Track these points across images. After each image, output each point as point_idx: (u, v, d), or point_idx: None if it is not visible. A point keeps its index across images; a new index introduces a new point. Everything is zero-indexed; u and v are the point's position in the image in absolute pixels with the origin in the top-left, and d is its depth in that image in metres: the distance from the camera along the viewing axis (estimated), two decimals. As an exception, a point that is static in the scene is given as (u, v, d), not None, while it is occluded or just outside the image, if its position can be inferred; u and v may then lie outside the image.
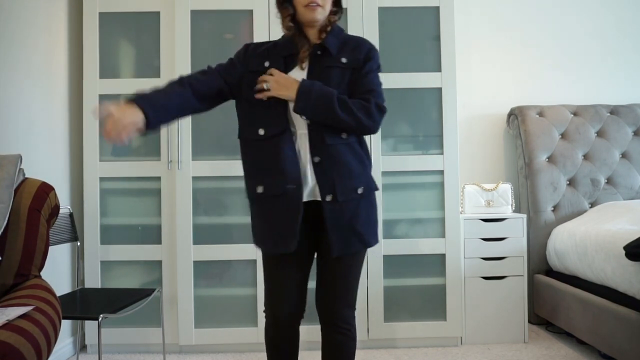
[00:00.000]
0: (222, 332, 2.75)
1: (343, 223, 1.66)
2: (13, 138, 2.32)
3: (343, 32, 1.79)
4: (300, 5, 1.70)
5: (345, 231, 1.66)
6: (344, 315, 1.72)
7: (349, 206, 1.66)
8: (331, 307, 1.73)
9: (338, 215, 1.65)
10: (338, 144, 1.66)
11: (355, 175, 1.68)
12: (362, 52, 1.73)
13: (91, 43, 2.79)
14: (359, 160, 1.71)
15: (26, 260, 1.76)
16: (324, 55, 1.71)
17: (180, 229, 2.74)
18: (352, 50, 1.73)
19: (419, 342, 2.81)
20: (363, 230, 1.69)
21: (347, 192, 1.66)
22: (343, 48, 1.73)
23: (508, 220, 2.90)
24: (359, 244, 1.70)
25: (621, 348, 2.28)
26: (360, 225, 1.69)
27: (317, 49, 1.71)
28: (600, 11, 3.54)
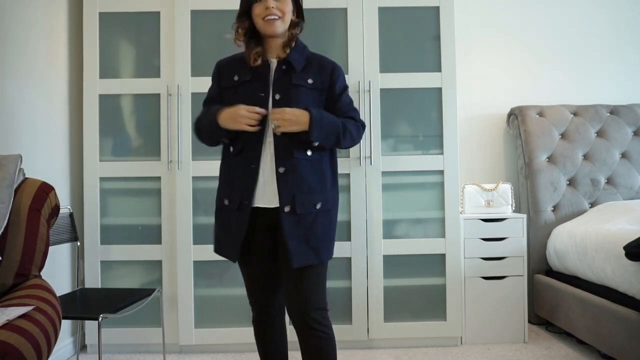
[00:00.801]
0: (222, 332, 2.75)
1: (300, 235, 1.71)
2: (13, 138, 2.32)
3: (307, 49, 1.84)
4: (258, 18, 1.72)
5: (302, 243, 1.71)
6: (315, 318, 1.72)
7: (307, 220, 1.72)
8: (301, 312, 1.73)
9: (295, 226, 1.70)
10: (302, 159, 1.73)
11: (314, 191, 1.74)
12: (327, 74, 1.80)
13: (91, 43, 2.79)
14: (321, 177, 1.77)
15: (26, 260, 1.76)
16: (288, 70, 1.75)
17: (180, 229, 2.74)
18: (317, 70, 1.79)
19: (419, 342, 2.82)
20: (318, 245, 1.73)
21: (306, 205, 1.72)
22: (307, 67, 1.78)
23: (508, 220, 2.90)
24: (314, 258, 1.73)
25: (621, 348, 2.28)
26: (315, 239, 1.73)
27: (282, 64, 1.75)
28: (600, 11, 3.54)
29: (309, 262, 1.72)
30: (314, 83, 1.77)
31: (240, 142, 1.75)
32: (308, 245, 1.72)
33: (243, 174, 1.73)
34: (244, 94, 1.75)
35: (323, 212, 1.76)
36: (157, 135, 2.78)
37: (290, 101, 1.71)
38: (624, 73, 3.54)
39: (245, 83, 1.76)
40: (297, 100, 1.72)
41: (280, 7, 1.71)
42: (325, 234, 1.77)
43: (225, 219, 1.81)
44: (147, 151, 2.81)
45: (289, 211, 1.70)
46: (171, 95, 2.76)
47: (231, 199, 1.77)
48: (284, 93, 1.73)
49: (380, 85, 2.79)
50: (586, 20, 3.53)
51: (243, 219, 1.72)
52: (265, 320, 1.88)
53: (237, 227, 1.74)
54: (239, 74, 1.77)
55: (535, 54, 3.50)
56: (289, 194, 1.70)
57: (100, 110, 2.79)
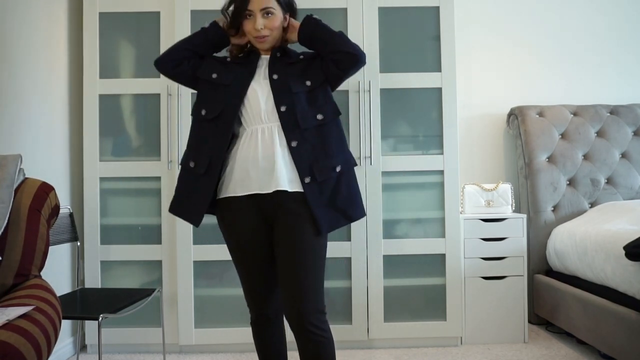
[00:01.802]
0: (222, 332, 2.75)
1: (324, 201, 1.71)
2: (13, 138, 2.32)
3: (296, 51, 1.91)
4: (249, 35, 1.80)
5: (329, 209, 1.71)
6: (313, 322, 1.68)
7: (328, 184, 1.72)
8: (299, 316, 1.68)
9: (318, 195, 1.70)
10: (312, 127, 1.73)
11: (331, 154, 1.73)
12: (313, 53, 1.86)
13: (91, 43, 2.79)
14: (336, 139, 1.77)
15: (26, 260, 1.76)
16: (283, 56, 1.83)
17: (180, 229, 2.74)
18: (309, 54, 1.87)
19: (419, 342, 2.82)
20: (345, 206, 1.74)
21: (325, 172, 1.71)
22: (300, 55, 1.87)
23: (508, 220, 2.90)
24: (343, 220, 1.74)
25: (621, 348, 2.28)
26: (341, 202, 1.73)
27: (277, 51, 1.83)
28: (600, 11, 3.54)
29: (339, 225, 1.74)
30: (305, 56, 1.84)
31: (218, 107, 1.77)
32: (336, 209, 1.72)
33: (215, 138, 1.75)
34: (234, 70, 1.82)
35: (344, 174, 1.76)
36: (157, 135, 2.78)
37: (287, 77, 1.76)
38: (623, 73, 3.54)
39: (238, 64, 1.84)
40: (294, 74, 1.77)
41: (269, 26, 1.77)
42: (349, 193, 1.76)
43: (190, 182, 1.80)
44: (147, 151, 2.81)
45: (310, 182, 1.69)
46: (171, 95, 2.76)
47: (198, 161, 1.76)
48: (281, 73, 1.77)
49: (380, 85, 2.79)
50: (586, 21, 3.53)
51: (210, 186, 1.74)
52: (264, 322, 1.87)
53: (200, 193, 1.75)
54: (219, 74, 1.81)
55: (535, 54, 3.50)
56: (306, 166, 1.70)
57: (100, 110, 2.79)
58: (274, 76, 1.76)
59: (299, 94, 1.75)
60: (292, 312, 1.71)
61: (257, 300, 1.85)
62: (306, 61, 1.83)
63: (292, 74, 1.77)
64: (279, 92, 1.74)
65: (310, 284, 1.70)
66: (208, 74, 1.81)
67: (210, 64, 1.84)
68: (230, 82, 1.77)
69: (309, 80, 1.78)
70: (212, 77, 1.79)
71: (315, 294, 1.71)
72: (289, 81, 1.75)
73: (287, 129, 1.71)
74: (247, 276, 1.84)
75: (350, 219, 1.76)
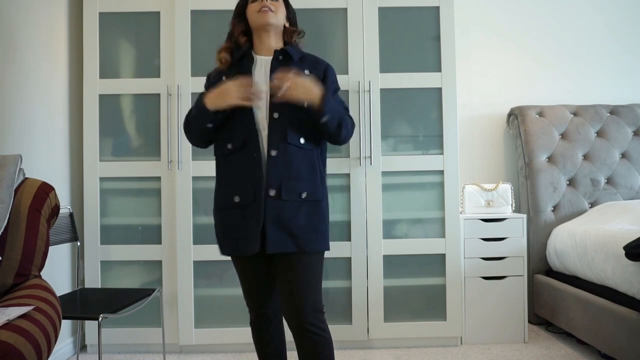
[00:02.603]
0: (222, 332, 2.75)
1: (281, 221, 1.68)
2: (13, 138, 2.32)
3: (299, 48, 1.88)
4: (252, 12, 1.79)
5: (282, 230, 1.68)
6: (311, 321, 1.68)
7: (290, 207, 1.69)
8: (297, 316, 1.68)
9: (278, 212, 1.68)
10: (295, 145, 1.72)
11: (302, 179, 1.72)
12: (320, 70, 1.82)
13: (91, 43, 2.79)
14: (311, 167, 1.76)
15: (26, 260, 1.76)
16: (285, 60, 1.78)
17: (180, 229, 2.74)
18: (312, 65, 1.82)
19: (419, 342, 2.82)
20: (300, 233, 1.69)
21: (292, 193, 1.70)
22: (303, 60, 1.82)
23: (508, 220, 2.90)
24: (292, 246, 1.69)
25: (621, 348, 2.28)
26: (297, 227, 1.69)
27: (279, 54, 1.78)
28: (600, 12, 3.54)
29: (285, 250, 1.69)
30: (311, 74, 1.78)
31: (240, 136, 1.73)
32: (289, 233, 1.68)
33: (250, 166, 1.70)
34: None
35: (309, 202, 1.73)
36: (157, 135, 2.78)
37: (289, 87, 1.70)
38: (623, 73, 3.54)
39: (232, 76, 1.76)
40: None
41: (274, 5, 1.78)
42: (310, 224, 1.72)
43: (236, 216, 1.74)
44: (147, 151, 2.81)
45: (274, 196, 1.68)
46: (171, 95, 2.76)
47: (243, 193, 1.71)
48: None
49: (380, 85, 2.79)
50: (586, 21, 3.53)
51: (259, 210, 1.68)
52: (263, 322, 1.87)
53: (254, 220, 1.69)
54: (227, 74, 1.79)
55: (535, 54, 3.50)
56: (277, 178, 1.68)
57: (100, 110, 2.79)
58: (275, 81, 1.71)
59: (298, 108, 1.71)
60: (290, 312, 1.70)
61: (256, 300, 1.85)
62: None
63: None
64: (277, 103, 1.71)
65: (308, 283, 1.70)
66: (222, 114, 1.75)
67: None
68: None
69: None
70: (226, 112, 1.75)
71: (314, 294, 1.71)
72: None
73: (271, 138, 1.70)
74: (245, 274, 1.84)
75: (301, 249, 1.70)
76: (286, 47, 1.81)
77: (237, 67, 1.78)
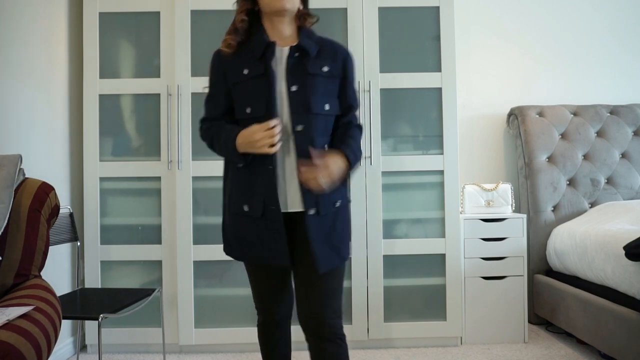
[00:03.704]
0: (222, 332, 2.75)
1: (323, 238, 1.62)
2: (13, 138, 2.32)
3: (314, 33, 1.71)
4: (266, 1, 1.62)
5: (326, 246, 1.63)
6: (332, 327, 1.64)
7: (327, 220, 1.65)
8: (317, 320, 1.64)
9: (319, 229, 1.62)
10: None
11: (335, 189, 1.64)
12: (339, 63, 1.69)
13: (91, 43, 2.79)
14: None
15: (26, 260, 1.76)
16: (302, 58, 1.64)
17: (180, 229, 2.74)
18: (331, 57, 1.68)
19: (419, 342, 2.82)
20: (339, 244, 1.67)
21: (328, 205, 1.64)
22: (321, 53, 1.67)
23: (508, 220, 2.90)
24: (337, 259, 1.66)
25: (621, 348, 2.28)
26: (337, 239, 1.66)
27: (295, 51, 1.63)
28: (600, 12, 3.54)
29: (334, 265, 1.64)
30: (330, 71, 1.66)
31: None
32: (331, 247, 1.63)
33: (262, 178, 1.61)
34: (257, 87, 1.61)
35: (341, 210, 1.69)
36: (157, 135, 2.78)
37: (307, 92, 1.61)
38: (623, 73, 3.54)
39: (258, 77, 1.61)
40: (315, 91, 1.62)
41: None
42: (344, 232, 1.70)
43: (247, 227, 1.66)
44: (147, 151, 2.81)
45: (314, 213, 1.61)
46: (171, 95, 2.76)
47: (252, 205, 1.62)
48: (300, 84, 1.61)
49: (380, 85, 2.79)
50: (586, 20, 3.53)
51: (278, 226, 1.60)
52: (271, 325, 1.81)
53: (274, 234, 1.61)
54: (249, 66, 1.62)
55: (535, 54, 3.50)
56: (313, 196, 1.59)
57: (100, 110, 2.79)
58: (292, 88, 1.60)
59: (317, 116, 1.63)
60: (309, 317, 1.66)
61: (267, 306, 1.78)
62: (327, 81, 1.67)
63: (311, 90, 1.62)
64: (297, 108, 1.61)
65: (333, 291, 1.66)
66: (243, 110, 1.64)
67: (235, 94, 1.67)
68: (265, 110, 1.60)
69: (327, 104, 1.66)
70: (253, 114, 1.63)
71: (335, 299, 1.67)
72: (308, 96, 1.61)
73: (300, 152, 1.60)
74: (258, 278, 1.76)
75: (343, 259, 1.68)
76: (302, 42, 1.63)
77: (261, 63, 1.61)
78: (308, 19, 1.71)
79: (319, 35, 1.72)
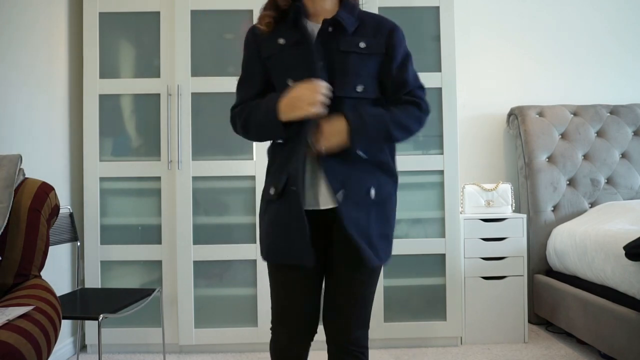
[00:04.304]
0: (222, 332, 2.75)
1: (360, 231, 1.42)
2: (13, 138, 2.32)
3: (357, 7, 1.50)
4: None
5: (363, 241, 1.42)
6: (358, 337, 1.48)
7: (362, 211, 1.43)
8: (344, 329, 1.47)
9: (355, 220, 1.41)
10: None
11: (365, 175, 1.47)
12: (383, 37, 1.47)
13: (91, 43, 2.79)
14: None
15: (26, 260, 1.76)
16: (336, 33, 1.43)
17: (180, 229, 2.74)
18: (372, 32, 1.46)
19: (419, 342, 2.81)
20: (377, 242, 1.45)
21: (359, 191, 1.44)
22: (360, 28, 1.46)
23: (508, 220, 2.90)
24: (375, 258, 1.44)
25: (621, 348, 2.28)
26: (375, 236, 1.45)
27: (329, 25, 1.42)
28: (599, 12, 3.54)
29: (373, 263, 1.43)
30: (368, 47, 1.44)
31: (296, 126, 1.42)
32: (369, 244, 1.42)
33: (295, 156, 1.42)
34: (298, 56, 1.42)
35: (380, 201, 1.48)
36: (157, 135, 2.78)
37: (333, 72, 1.41)
38: (623, 73, 3.54)
39: (293, 47, 1.43)
40: (344, 70, 1.41)
41: None
42: (383, 229, 1.48)
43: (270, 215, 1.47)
44: (147, 151, 2.81)
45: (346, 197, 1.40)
46: (171, 95, 2.76)
47: (276, 185, 1.44)
48: (326, 62, 1.41)
49: (380, 85, 2.79)
50: (586, 21, 3.53)
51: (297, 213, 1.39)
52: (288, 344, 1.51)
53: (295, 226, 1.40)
54: (284, 35, 1.44)
55: (535, 54, 3.50)
56: (337, 179, 1.41)
57: (100, 110, 2.79)
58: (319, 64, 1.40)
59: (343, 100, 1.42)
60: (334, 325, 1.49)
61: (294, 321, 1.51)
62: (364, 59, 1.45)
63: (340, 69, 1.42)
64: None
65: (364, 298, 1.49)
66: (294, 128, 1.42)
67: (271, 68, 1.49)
68: None
69: (361, 85, 1.45)
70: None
71: (366, 307, 1.50)
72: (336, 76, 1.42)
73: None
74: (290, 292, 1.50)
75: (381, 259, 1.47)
76: (339, 14, 1.43)
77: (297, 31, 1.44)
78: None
79: (363, 10, 1.53)
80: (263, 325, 2.71)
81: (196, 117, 2.76)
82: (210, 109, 2.77)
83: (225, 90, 2.71)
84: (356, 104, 1.44)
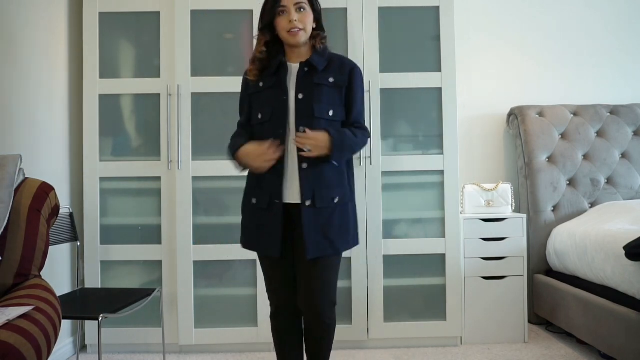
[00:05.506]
0: (222, 332, 2.75)
1: (317, 228, 1.84)
2: (13, 138, 2.32)
3: (327, 50, 1.97)
4: (282, 31, 1.88)
5: (319, 235, 1.84)
6: (326, 312, 1.89)
7: (324, 213, 1.86)
8: (314, 306, 1.88)
9: (313, 219, 1.84)
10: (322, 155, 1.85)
11: (333, 186, 1.88)
12: (345, 74, 1.92)
13: (91, 43, 2.79)
14: (339, 173, 1.91)
15: (26, 260, 1.76)
16: (310, 72, 1.88)
17: (180, 229, 2.74)
18: (337, 69, 1.91)
19: (419, 342, 2.82)
20: (334, 237, 1.87)
21: (325, 200, 1.85)
22: (329, 67, 1.91)
23: (508, 220, 2.90)
24: (329, 249, 1.87)
25: (621, 348, 2.28)
26: (332, 232, 1.87)
27: (304, 66, 1.88)
28: (600, 12, 3.54)
29: (324, 253, 1.85)
30: (335, 81, 1.89)
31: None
32: (325, 237, 1.85)
33: (270, 176, 1.86)
34: (267, 98, 1.89)
35: (341, 206, 1.90)
36: (157, 135, 2.78)
37: (312, 100, 1.84)
38: (624, 73, 3.54)
39: (269, 88, 1.90)
40: (319, 99, 1.85)
41: (302, 20, 1.86)
42: (342, 226, 1.89)
43: (252, 217, 1.95)
44: (147, 151, 2.81)
45: (310, 205, 1.83)
46: (171, 95, 2.76)
47: (259, 198, 1.90)
48: (306, 92, 1.85)
49: (380, 85, 2.79)
50: (586, 21, 3.53)
51: (278, 217, 1.85)
52: (283, 313, 1.98)
53: (273, 225, 1.86)
54: (265, 80, 1.91)
55: (535, 54, 3.50)
56: (310, 189, 1.83)
57: (100, 110, 2.79)
58: (299, 95, 1.85)
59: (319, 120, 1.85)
60: (310, 307, 1.89)
61: (281, 297, 1.97)
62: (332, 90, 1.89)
63: (316, 98, 1.85)
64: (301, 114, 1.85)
65: (329, 281, 1.89)
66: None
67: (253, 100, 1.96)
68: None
69: (331, 110, 1.88)
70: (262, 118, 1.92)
71: (330, 286, 1.90)
72: (313, 103, 1.85)
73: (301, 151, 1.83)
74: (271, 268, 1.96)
75: (337, 250, 1.89)
76: (311, 58, 1.89)
77: (274, 77, 1.89)
78: (318, 38, 1.93)
79: (331, 52, 1.98)
80: (263, 325, 2.71)
81: (196, 117, 2.76)
82: (210, 109, 2.77)
83: (225, 90, 2.71)
84: (329, 125, 1.86)
